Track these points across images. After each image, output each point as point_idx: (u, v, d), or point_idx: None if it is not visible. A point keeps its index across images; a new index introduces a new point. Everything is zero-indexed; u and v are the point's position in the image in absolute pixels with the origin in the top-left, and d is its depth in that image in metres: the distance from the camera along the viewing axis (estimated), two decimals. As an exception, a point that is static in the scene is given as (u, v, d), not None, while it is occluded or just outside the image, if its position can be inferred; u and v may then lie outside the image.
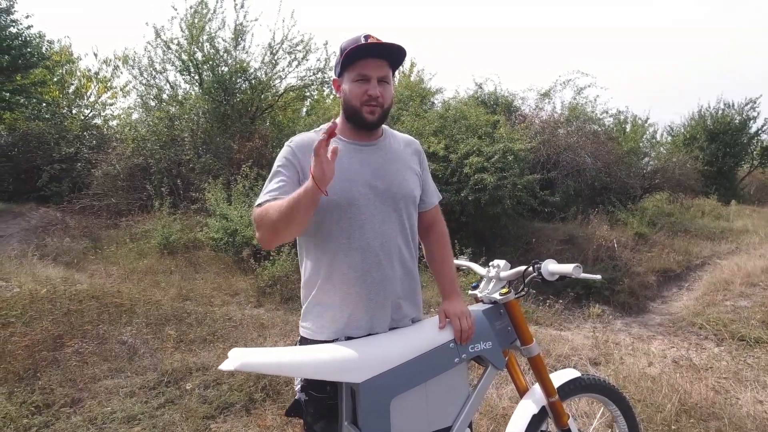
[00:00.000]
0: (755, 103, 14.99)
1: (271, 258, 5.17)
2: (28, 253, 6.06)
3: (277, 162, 1.38)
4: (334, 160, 1.12)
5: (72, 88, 13.25)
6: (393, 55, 1.34)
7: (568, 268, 1.30)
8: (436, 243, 1.57)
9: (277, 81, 9.72)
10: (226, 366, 1.16)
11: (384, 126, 1.47)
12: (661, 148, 15.32)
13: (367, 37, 1.32)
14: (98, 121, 12.93)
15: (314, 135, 1.41)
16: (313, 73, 9.85)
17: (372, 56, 1.31)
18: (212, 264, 5.78)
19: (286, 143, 1.40)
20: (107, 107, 13.69)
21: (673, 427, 2.41)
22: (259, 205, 1.30)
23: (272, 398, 2.69)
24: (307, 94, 10.69)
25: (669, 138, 16.57)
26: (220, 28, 9.20)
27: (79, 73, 13.61)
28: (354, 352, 1.28)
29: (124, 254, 6.17)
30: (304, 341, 1.42)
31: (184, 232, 6.58)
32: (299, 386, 1.40)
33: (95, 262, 6.02)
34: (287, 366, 1.21)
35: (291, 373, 1.22)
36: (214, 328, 3.77)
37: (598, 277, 1.41)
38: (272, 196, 1.29)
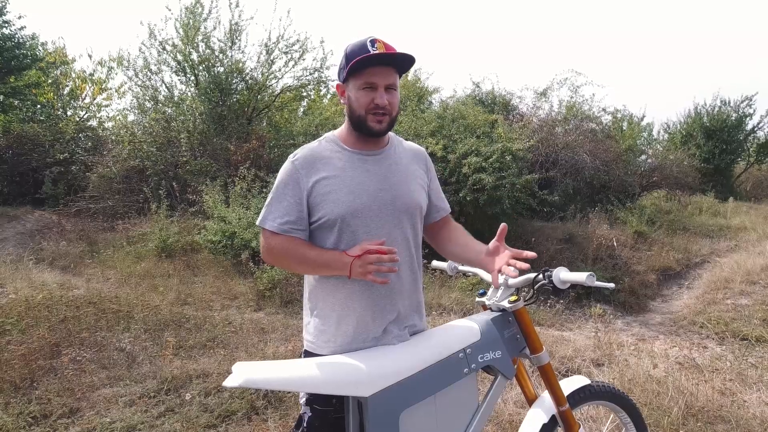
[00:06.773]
0: (751, 100, 14.99)
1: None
2: (24, 258, 6.00)
3: (280, 177, 1.35)
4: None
5: (66, 90, 13.12)
6: (400, 61, 1.30)
7: (581, 276, 1.26)
8: (454, 231, 1.53)
9: (274, 81, 9.66)
10: (230, 382, 1.12)
11: (390, 133, 1.44)
12: (658, 146, 15.31)
13: (373, 42, 1.27)
14: (93, 123, 12.82)
15: (317, 145, 1.38)
16: (310, 73, 9.79)
17: (380, 64, 1.28)
18: (211, 267, 5.72)
19: (290, 158, 1.36)
20: (102, 109, 13.59)
21: (680, 431, 2.38)
22: (272, 232, 1.32)
23: (274, 406, 2.65)
24: (304, 94, 10.64)
25: (666, 135, 16.57)
26: (215, 28, 9.15)
27: (73, 75, 13.48)
28: (361, 364, 1.24)
29: (122, 258, 6.11)
30: (308, 355, 1.39)
31: (182, 235, 6.52)
32: (304, 399, 1.37)
33: (92, 267, 5.95)
34: (293, 381, 1.18)
35: (297, 388, 1.18)
36: (213, 333, 3.72)
37: (612, 285, 1.37)
38: (284, 223, 1.31)
